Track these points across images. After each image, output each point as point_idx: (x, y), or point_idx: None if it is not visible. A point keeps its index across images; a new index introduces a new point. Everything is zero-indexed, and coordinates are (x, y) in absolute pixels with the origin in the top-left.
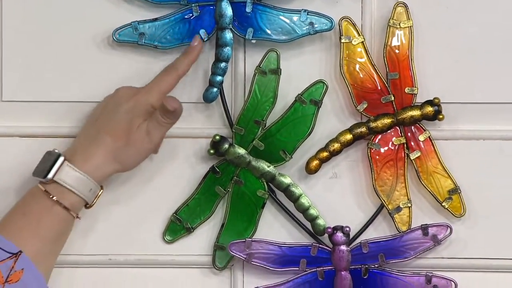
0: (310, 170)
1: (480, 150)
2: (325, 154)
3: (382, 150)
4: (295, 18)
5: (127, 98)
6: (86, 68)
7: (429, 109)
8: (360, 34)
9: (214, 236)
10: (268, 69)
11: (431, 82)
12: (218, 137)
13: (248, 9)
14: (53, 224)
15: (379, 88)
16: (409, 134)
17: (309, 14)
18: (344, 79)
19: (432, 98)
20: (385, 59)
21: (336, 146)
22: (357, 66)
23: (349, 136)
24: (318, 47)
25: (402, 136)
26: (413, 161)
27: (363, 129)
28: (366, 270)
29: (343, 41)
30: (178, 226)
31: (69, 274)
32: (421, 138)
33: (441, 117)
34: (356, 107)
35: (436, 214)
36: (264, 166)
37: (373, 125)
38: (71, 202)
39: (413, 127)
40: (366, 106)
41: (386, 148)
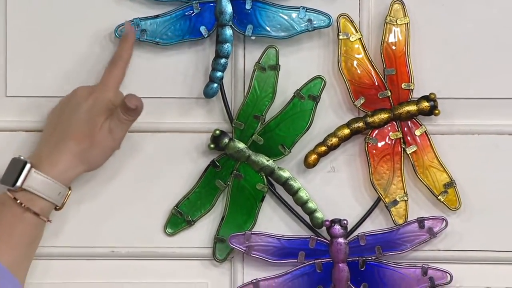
0: (308, 164)
1: (475, 144)
2: (323, 148)
3: (379, 144)
4: (294, 15)
5: (85, 97)
6: (89, 64)
7: (425, 104)
8: (357, 31)
9: (214, 229)
10: (267, 65)
11: (427, 78)
12: (218, 131)
13: (247, 6)
14: (25, 230)
15: (376, 83)
16: (405, 129)
17: (307, 11)
18: (342, 75)
19: (428, 94)
20: (382, 55)
21: (334, 140)
22: (354, 62)
23: (346, 130)
24: (317, 44)
25: (398, 130)
26: (409, 155)
27: (361, 124)
28: (363, 262)
29: (341, 37)
30: (179, 219)
31: (73, 266)
32: (417, 132)
33: (437, 112)
34: (353, 103)
35: (432, 207)
36: (263, 160)
37: (370, 120)
38: (41, 207)
39: (409, 122)
40: (363, 101)
41: (383, 142)
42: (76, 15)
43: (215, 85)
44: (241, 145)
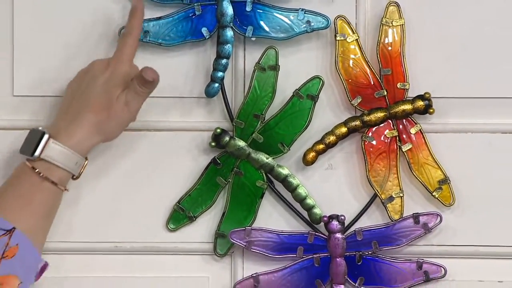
0: (307, 162)
1: (468, 142)
2: (321, 146)
3: (375, 142)
4: (293, 16)
5: (102, 71)
6: None
7: (420, 103)
8: (354, 32)
9: (215, 224)
10: (267, 65)
11: (422, 77)
12: (219, 130)
13: (248, 8)
14: (43, 199)
15: (373, 83)
16: (401, 127)
17: (306, 13)
18: (339, 75)
19: (423, 93)
20: (378, 56)
21: (331, 138)
22: (351, 63)
23: (344, 129)
24: (315, 45)
25: (394, 129)
26: (405, 153)
27: (357, 122)
28: (360, 256)
29: (338, 38)
30: (181, 215)
31: (79, 260)
32: (412, 131)
33: (431, 111)
34: (350, 102)
35: (426, 203)
36: (263, 158)
37: (366, 118)
38: (59, 177)
39: (405, 121)
40: (360, 100)
41: (379, 140)
42: (81, 17)
43: (216, 85)
44: (241, 143)
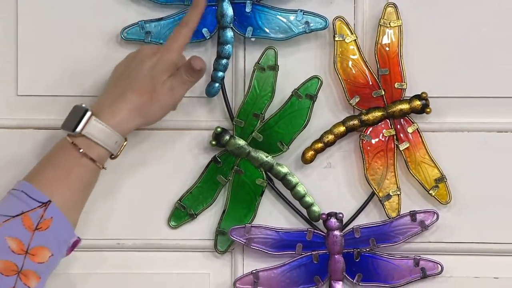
0: (305, 160)
1: (465, 141)
2: (320, 145)
3: (373, 141)
4: (292, 17)
5: (150, 56)
6: (97, 64)
7: (417, 103)
8: (352, 33)
9: (216, 222)
10: (266, 65)
11: (419, 77)
12: (219, 129)
13: (247, 9)
14: (80, 175)
15: (371, 83)
16: (398, 126)
17: (305, 14)
18: (337, 75)
19: (420, 93)
20: (376, 56)
21: (330, 137)
22: (350, 63)
23: (342, 128)
24: (314, 45)
25: (392, 128)
26: (402, 151)
27: (356, 121)
28: (358, 253)
29: (337, 39)
30: (182, 212)
31: (81, 257)
32: (409, 130)
33: (428, 110)
34: (349, 101)
35: (423, 201)
36: (262, 156)
37: (364, 118)
38: (98, 154)
39: (402, 120)
40: (358, 100)
41: (377, 139)
42: (84, 17)
43: (217, 84)
44: (241, 142)
